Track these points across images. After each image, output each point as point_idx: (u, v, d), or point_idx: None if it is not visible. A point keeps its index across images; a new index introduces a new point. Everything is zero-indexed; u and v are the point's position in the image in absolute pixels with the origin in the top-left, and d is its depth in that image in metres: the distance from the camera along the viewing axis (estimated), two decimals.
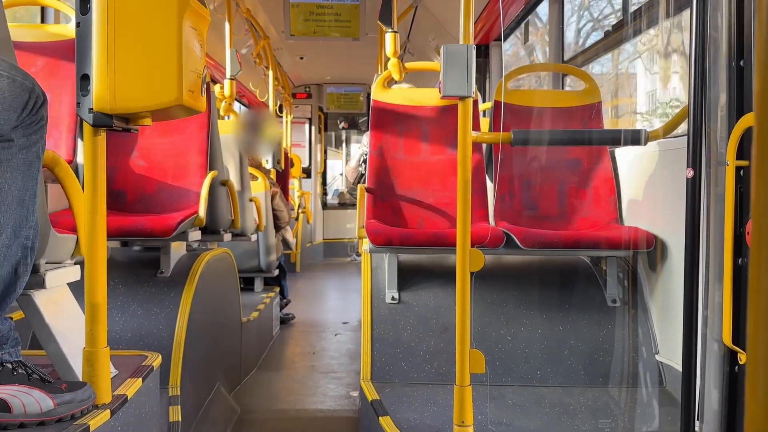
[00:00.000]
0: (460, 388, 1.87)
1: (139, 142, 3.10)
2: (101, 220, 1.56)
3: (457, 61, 1.80)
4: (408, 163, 3.23)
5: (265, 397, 3.39)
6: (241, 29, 5.74)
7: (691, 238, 1.86)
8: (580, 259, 3.00)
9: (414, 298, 2.82)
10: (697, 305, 1.86)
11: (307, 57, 8.23)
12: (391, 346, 2.70)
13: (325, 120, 10.50)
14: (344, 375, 3.75)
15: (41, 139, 1.43)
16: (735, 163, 1.80)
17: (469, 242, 1.88)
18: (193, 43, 1.51)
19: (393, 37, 3.30)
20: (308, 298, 6.50)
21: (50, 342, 1.62)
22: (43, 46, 2.86)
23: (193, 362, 2.61)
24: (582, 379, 2.61)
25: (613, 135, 2.58)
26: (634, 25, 3.35)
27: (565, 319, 2.72)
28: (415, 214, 3.17)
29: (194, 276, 2.74)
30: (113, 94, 1.44)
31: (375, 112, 3.30)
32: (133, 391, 1.68)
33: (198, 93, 1.55)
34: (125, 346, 2.52)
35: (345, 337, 4.75)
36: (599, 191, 3.04)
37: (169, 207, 2.97)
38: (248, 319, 3.81)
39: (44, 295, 1.63)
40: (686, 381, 1.86)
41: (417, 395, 2.48)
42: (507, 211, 3.05)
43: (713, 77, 1.88)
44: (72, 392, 1.44)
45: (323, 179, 10.62)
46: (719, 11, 1.86)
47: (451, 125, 3.14)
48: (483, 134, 2.19)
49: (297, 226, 8.28)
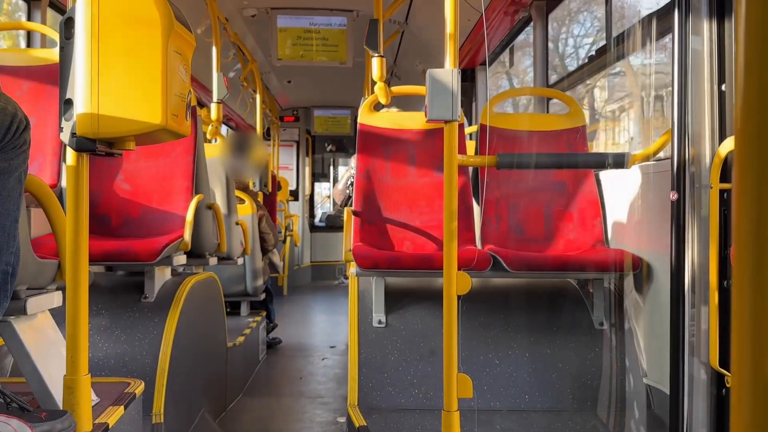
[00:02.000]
0: (447, 413, 1.85)
1: (125, 165, 3.09)
2: (84, 244, 1.54)
3: (442, 85, 1.81)
4: (395, 186, 3.24)
5: (251, 423, 3.34)
6: (229, 53, 5.76)
7: (677, 261, 1.87)
8: (567, 281, 3.00)
9: (401, 321, 2.80)
10: (683, 328, 1.86)
11: (294, 81, 8.27)
12: (378, 371, 2.67)
13: (313, 143, 10.52)
14: (331, 400, 3.71)
15: (23, 164, 1.42)
16: (719, 186, 1.81)
17: (456, 265, 1.87)
18: (178, 68, 1.51)
19: (379, 62, 3.32)
20: (295, 322, 6.45)
21: (30, 369, 1.59)
22: (29, 71, 2.85)
23: (177, 388, 2.57)
24: (570, 403, 2.59)
25: (597, 158, 2.60)
26: (617, 50, 3.39)
27: (553, 343, 2.71)
28: (402, 237, 3.17)
29: (179, 301, 2.71)
30: (96, 119, 1.43)
31: (362, 135, 3.30)
32: (115, 420, 1.65)
33: (183, 117, 1.54)
34: (108, 372, 2.48)
35: (332, 361, 4.71)
36: (585, 214, 3.06)
37: (155, 231, 2.94)
38: (234, 343, 3.76)
39: (25, 322, 1.60)
40: (674, 404, 1.85)
41: (404, 421, 2.46)
42: (493, 234, 3.05)
43: (696, 101, 1.90)
44: (51, 421, 1.42)
45: (311, 202, 10.60)
46: (701, 36, 1.89)
47: (437, 148, 3.15)
48: (468, 157, 2.20)
49: (284, 249, 8.24)
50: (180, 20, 1.52)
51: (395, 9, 4.29)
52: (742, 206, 0.48)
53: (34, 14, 3.61)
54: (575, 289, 2.95)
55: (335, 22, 5.52)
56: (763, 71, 0.46)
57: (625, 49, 3.28)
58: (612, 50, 3.44)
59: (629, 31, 3.24)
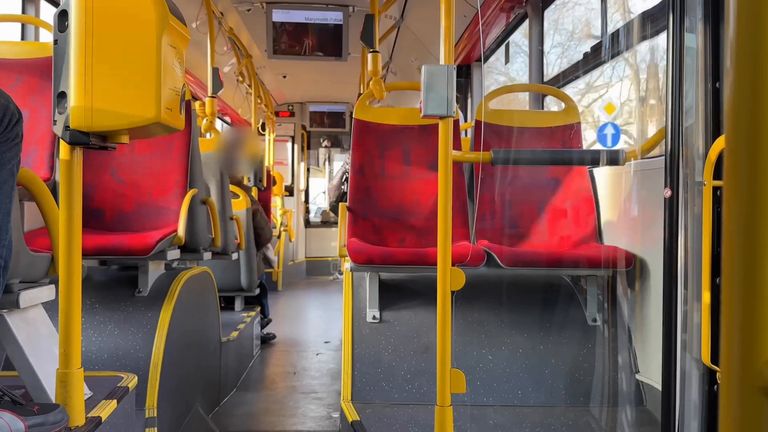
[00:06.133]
0: (441, 408, 1.86)
1: (119, 159, 3.08)
2: (77, 238, 1.54)
3: (437, 80, 1.81)
4: (389, 182, 3.24)
5: (245, 418, 3.35)
6: (224, 47, 5.74)
7: (670, 258, 1.87)
8: (561, 278, 3.01)
9: (395, 317, 2.81)
10: (676, 324, 1.87)
11: (290, 75, 8.25)
12: (372, 366, 2.68)
13: (308, 138, 10.50)
14: (325, 395, 3.72)
15: (15, 157, 1.41)
16: (712, 184, 1.82)
17: (450, 261, 1.87)
18: (172, 61, 1.50)
19: (374, 57, 3.32)
20: (290, 317, 6.45)
21: (23, 363, 1.59)
22: (23, 63, 2.84)
23: (170, 383, 2.57)
24: (563, 399, 2.60)
25: (591, 155, 2.61)
26: (612, 48, 3.39)
27: (546, 338, 2.72)
28: (397, 232, 3.17)
29: (173, 295, 2.71)
30: (90, 112, 1.43)
31: (357, 130, 3.30)
32: (108, 413, 1.65)
33: (177, 111, 1.54)
34: (101, 366, 2.47)
35: (326, 356, 4.71)
36: (579, 210, 3.06)
37: (149, 225, 2.94)
38: (228, 338, 3.76)
39: (17, 315, 1.60)
40: (666, 400, 1.86)
41: (398, 416, 2.46)
42: (488, 230, 3.06)
43: (690, 98, 1.91)
44: (44, 414, 1.41)
45: (306, 197, 10.59)
46: (695, 33, 1.89)
47: (432, 144, 3.15)
48: (463, 154, 2.20)
49: (279, 245, 8.23)
50: (174, 14, 1.51)
51: (391, 4, 4.29)
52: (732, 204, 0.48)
53: (28, 7, 3.59)
54: (569, 285, 2.96)
55: (331, 17, 5.50)
56: (753, 69, 0.46)
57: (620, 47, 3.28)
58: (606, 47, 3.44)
59: (624, 28, 3.24)
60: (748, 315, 0.47)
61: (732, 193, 0.48)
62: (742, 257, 0.47)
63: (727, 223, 0.48)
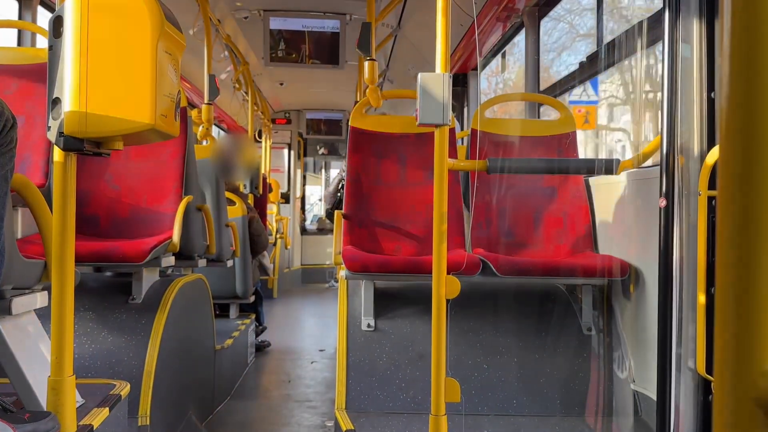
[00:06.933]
0: (435, 417, 1.85)
1: (114, 165, 3.07)
2: (70, 244, 1.53)
3: (433, 89, 1.81)
4: (385, 190, 3.23)
5: (238, 426, 3.33)
6: (221, 55, 5.75)
7: (665, 267, 1.87)
8: (556, 286, 3.01)
9: (390, 325, 2.80)
10: (671, 334, 1.86)
11: (287, 83, 8.26)
12: (367, 375, 2.67)
13: (305, 145, 10.50)
14: (320, 404, 3.70)
15: (9, 162, 1.41)
16: (707, 193, 1.82)
17: (445, 269, 1.87)
18: (168, 68, 1.50)
19: (371, 65, 3.32)
20: (285, 325, 6.43)
21: (14, 370, 1.57)
22: (19, 69, 2.83)
23: (163, 391, 2.56)
24: (558, 408, 2.60)
25: (587, 164, 2.61)
26: (607, 58, 3.40)
27: (541, 348, 2.71)
28: (392, 240, 3.17)
29: (167, 302, 2.70)
30: (84, 118, 1.42)
31: (353, 138, 3.30)
32: (100, 421, 1.64)
33: (172, 117, 1.54)
34: (94, 374, 2.46)
35: (321, 364, 4.69)
36: (574, 219, 3.07)
37: (143, 232, 2.93)
38: (222, 346, 3.75)
39: (9, 322, 1.59)
40: (661, 410, 1.85)
41: (392, 425, 2.45)
42: (483, 239, 3.05)
43: (685, 108, 1.91)
44: (35, 422, 1.40)
45: (302, 204, 10.58)
46: (690, 43, 1.90)
47: (428, 152, 3.15)
48: (459, 162, 2.21)
49: (275, 252, 8.21)
50: (170, 20, 1.51)
51: (388, 13, 4.30)
52: (726, 213, 0.48)
53: (24, 13, 3.59)
54: (564, 294, 2.96)
55: (328, 25, 5.51)
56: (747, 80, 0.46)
57: (616, 57, 3.29)
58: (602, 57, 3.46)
59: (620, 38, 3.25)
60: (743, 325, 0.46)
61: (726, 203, 0.48)
62: (737, 267, 0.47)
63: (722, 233, 0.48)
